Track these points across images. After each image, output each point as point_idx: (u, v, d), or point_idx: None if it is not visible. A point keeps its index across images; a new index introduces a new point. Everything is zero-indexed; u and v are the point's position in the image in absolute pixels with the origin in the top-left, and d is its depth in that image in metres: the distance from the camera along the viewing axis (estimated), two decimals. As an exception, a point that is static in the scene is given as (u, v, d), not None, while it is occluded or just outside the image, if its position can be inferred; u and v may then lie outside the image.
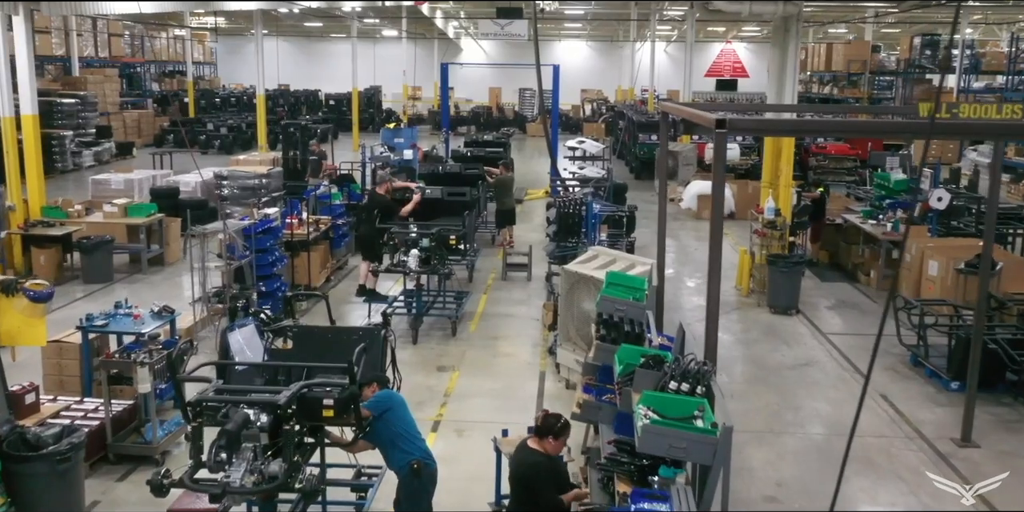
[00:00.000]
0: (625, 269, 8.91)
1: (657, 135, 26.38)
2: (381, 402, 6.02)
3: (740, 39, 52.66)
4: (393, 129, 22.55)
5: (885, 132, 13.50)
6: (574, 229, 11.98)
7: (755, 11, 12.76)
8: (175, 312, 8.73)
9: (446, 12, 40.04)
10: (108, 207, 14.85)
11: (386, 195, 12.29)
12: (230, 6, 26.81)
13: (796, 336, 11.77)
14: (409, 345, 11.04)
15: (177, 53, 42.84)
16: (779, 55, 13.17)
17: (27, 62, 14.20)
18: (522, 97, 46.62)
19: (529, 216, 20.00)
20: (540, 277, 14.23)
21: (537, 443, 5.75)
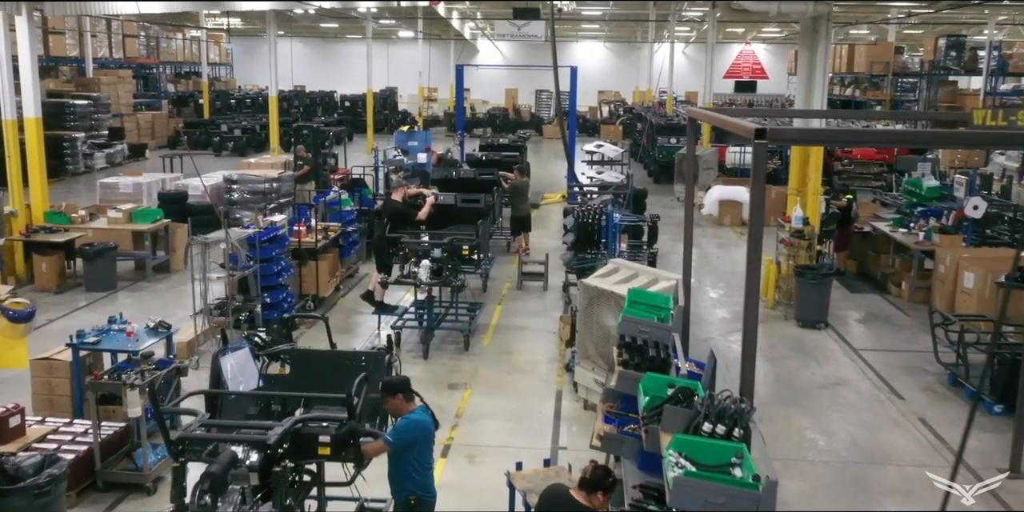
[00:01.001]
0: (647, 284, 8.39)
1: (676, 138, 25.97)
2: (409, 433, 5.47)
3: (760, 40, 52.01)
4: (407, 132, 22.09)
5: (942, 143, 12.77)
6: (593, 239, 11.42)
7: (783, 11, 12.19)
8: (171, 328, 8.25)
9: (462, 13, 39.61)
10: (112, 213, 14.45)
11: (401, 202, 11.78)
12: (234, 6, 26.47)
13: (826, 352, 11.19)
14: (420, 360, 10.56)
15: (193, 54, 42.58)
16: (807, 57, 12.60)
17: (30, 63, 13.81)
18: (539, 99, 46.11)
19: (545, 222, 19.48)
20: (556, 287, 13.73)
21: (584, 498, 5.02)
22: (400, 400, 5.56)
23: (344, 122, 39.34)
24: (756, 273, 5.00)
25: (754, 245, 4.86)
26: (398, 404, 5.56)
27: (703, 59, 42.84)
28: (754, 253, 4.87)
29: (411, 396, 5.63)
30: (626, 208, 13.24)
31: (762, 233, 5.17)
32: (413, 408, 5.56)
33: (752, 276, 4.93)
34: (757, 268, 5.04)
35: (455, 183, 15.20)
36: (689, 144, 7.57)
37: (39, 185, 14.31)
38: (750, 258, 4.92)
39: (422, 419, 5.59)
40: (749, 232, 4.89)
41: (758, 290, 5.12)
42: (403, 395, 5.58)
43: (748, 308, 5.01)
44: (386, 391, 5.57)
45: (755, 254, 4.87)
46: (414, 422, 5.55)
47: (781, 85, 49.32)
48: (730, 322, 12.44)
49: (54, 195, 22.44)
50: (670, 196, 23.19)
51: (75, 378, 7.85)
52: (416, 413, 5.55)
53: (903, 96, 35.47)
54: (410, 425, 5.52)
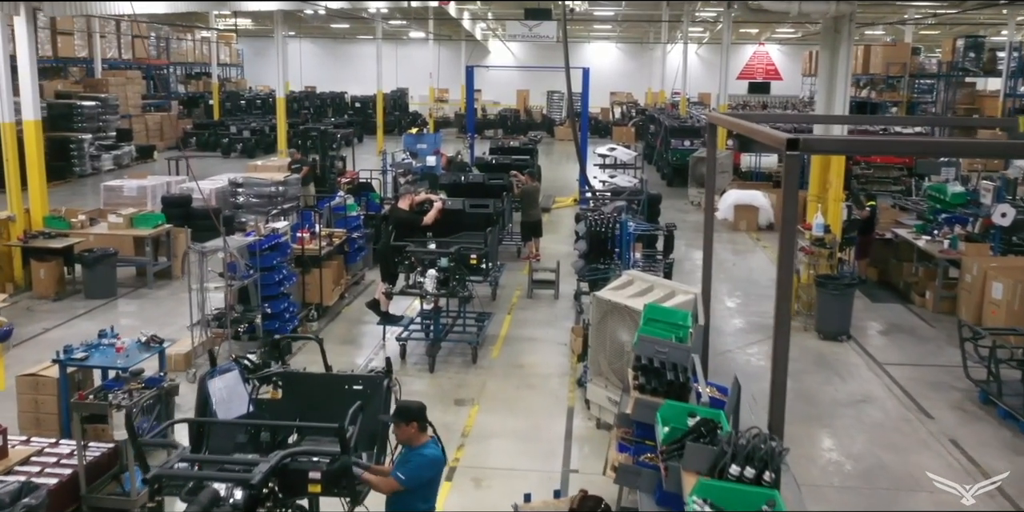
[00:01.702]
0: (664, 299, 7.96)
1: (690, 140, 25.50)
2: (423, 472, 5.02)
3: (773, 41, 51.47)
4: (416, 134, 21.69)
5: (999, 154, 12.21)
6: (605, 249, 10.95)
7: (804, 11, 11.76)
8: (163, 343, 7.87)
9: (473, 13, 39.23)
10: (113, 217, 14.10)
11: (408, 209, 11.36)
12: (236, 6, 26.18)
13: (849, 367, 10.73)
14: (425, 374, 10.16)
15: (203, 55, 42.34)
16: (828, 58, 12.15)
17: (29, 65, 13.46)
18: (550, 100, 45.70)
19: (556, 226, 19.05)
20: (568, 295, 13.32)
21: None
22: (414, 429, 5.09)
23: (354, 123, 39.02)
24: (786, 308, 4.56)
25: (785, 272, 4.42)
26: (410, 433, 5.08)
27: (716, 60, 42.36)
28: (784, 279, 4.43)
29: (425, 426, 5.17)
30: (640, 214, 12.80)
31: (792, 259, 4.75)
32: (426, 440, 5.09)
33: (782, 309, 4.48)
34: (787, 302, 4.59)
35: (463, 188, 14.79)
36: (709, 152, 7.13)
37: (38, 189, 13.98)
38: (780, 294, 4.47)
39: (437, 457, 5.14)
40: (779, 257, 4.45)
41: (788, 322, 4.67)
42: (418, 424, 5.11)
43: (777, 338, 4.56)
44: (400, 417, 5.09)
45: (785, 282, 4.43)
46: (429, 460, 5.08)
47: (795, 86, 48.89)
48: (748, 333, 12.00)
49: (59, 198, 22.26)
50: (684, 200, 22.74)
51: (62, 396, 7.48)
52: (429, 448, 5.07)
53: (920, 98, 34.94)
54: (424, 462, 5.05)
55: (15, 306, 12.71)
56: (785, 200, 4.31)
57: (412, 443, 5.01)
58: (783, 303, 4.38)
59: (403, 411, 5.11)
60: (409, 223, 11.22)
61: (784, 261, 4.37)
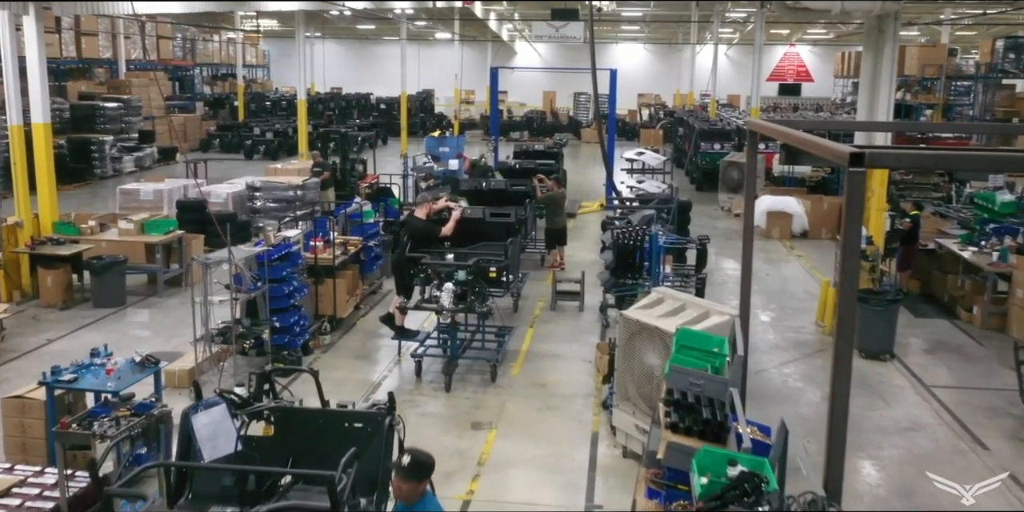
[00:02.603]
0: (697, 320, 7.35)
1: (720, 143, 24.76)
2: None
3: (805, 42, 50.55)
4: (438, 137, 21.15)
5: None
6: (633, 263, 10.28)
7: (847, 9, 11.08)
8: (159, 363, 7.35)
9: (500, 14, 38.70)
10: (123, 223, 13.67)
11: (424, 218, 10.78)
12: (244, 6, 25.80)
13: (894, 389, 10.03)
14: (441, 393, 9.59)
15: (229, 56, 42.13)
16: (871, 60, 11.45)
17: (38, 66, 13.06)
18: (577, 102, 45.07)
19: (582, 232, 18.44)
20: (593, 307, 12.70)
21: None
22: (424, 485, 4.40)
23: (378, 125, 38.65)
24: (848, 353, 3.96)
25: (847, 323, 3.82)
26: (418, 490, 4.38)
27: (745, 61, 41.61)
28: (847, 320, 3.82)
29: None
30: (670, 224, 12.16)
31: (855, 300, 4.14)
32: (423, 492, 4.42)
33: (843, 353, 3.87)
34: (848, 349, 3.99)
35: (485, 194, 14.18)
36: (749, 161, 6.50)
37: (47, 194, 13.58)
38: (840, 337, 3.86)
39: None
40: (840, 295, 3.82)
41: (848, 369, 4.07)
42: (428, 480, 4.44)
43: (837, 387, 3.94)
44: (414, 475, 4.35)
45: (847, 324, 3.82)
46: None
47: (826, 88, 48.06)
48: (785, 350, 11.32)
49: (78, 200, 21.98)
50: (714, 205, 22.05)
51: (49, 420, 6.98)
52: (432, 504, 4.43)
53: (957, 100, 33.98)
54: None
55: (20, 315, 12.33)
56: (846, 227, 3.68)
57: (411, 500, 4.33)
58: (844, 348, 3.77)
59: (419, 467, 4.37)
60: (426, 233, 10.63)
61: (846, 313, 3.76)
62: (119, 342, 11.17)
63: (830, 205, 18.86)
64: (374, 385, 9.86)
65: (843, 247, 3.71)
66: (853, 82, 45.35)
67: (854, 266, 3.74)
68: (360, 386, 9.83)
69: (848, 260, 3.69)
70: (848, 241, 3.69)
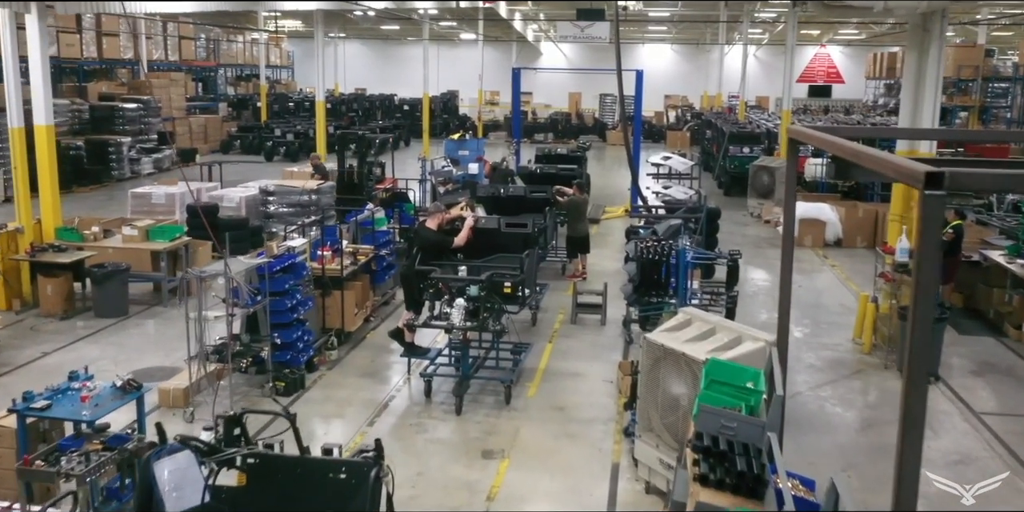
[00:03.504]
0: (728, 345, 6.67)
1: (750, 147, 23.96)
2: None
3: (836, 43, 49.57)
4: (458, 140, 20.52)
5: None
6: (659, 280, 9.52)
7: (890, 7, 10.36)
8: (141, 388, 6.77)
9: (525, 14, 38.10)
10: (127, 230, 13.16)
11: (436, 229, 10.15)
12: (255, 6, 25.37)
13: (940, 416, 9.28)
14: (451, 416, 8.96)
15: (253, 57, 41.84)
16: (915, 61, 10.71)
17: (40, 67, 12.59)
18: (603, 103, 44.36)
19: (606, 239, 17.77)
20: (615, 320, 12.03)
21: None
22: None
23: (400, 127, 38.14)
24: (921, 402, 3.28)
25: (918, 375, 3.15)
26: None
27: (774, 62, 40.69)
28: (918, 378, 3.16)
29: None
30: (698, 234, 11.46)
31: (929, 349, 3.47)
32: None
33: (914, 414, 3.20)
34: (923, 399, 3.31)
35: (503, 202, 13.51)
36: (789, 174, 5.81)
37: (50, 198, 13.10)
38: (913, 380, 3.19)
39: None
40: (911, 338, 3.14)
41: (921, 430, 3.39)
42: None
43: (905, 455, 3.28)
44: None
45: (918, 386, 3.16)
46: None
47: (857, 89, 47.13)
48: (820, 371, 10.60)
49: (92, 203, 21.61)
50: (742, 210, 21.31)
51: (21, 450, 6.42)
52: None
53: (993, 103, 33.01)
54: None
55: (18, 325, 11.87)
56: (921, 260, 3.01)
57: None
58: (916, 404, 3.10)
59: None
60: (437, 244, 10.00)
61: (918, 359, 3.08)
62: (117, 356, 10.72)
63: (865, 212, 18.07)
64: (380, 406, 9.26)
65: (916, 285, 3.04)
66: (885, 84, 44.38)
67: (927, 308, 3.06)
68: (366, 406, 9.24)
69: (921, 301, 3.01)
70: (922, 278, 3.01)
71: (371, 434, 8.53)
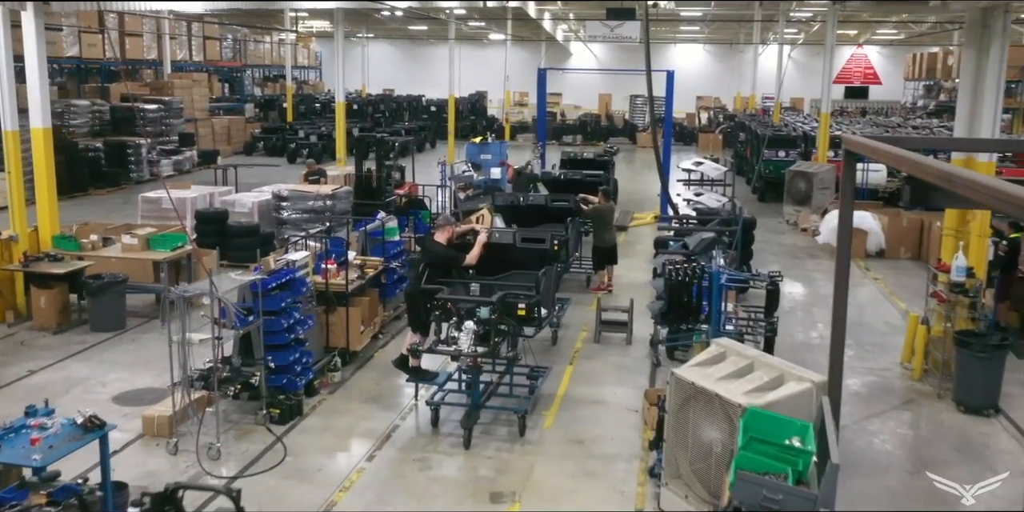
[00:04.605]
0: (769, 387, 5.81)
1: (785, 151, 22.94)
2: None
3: (873, 43, 48.31)
4: (479, 143, 19.70)
5: None
6: (689, 305, 8.55)
7: (948, 3, 9.43)
8: (105, 426, 6.02)
9: (554, 14, 37.26)
10: (127, 238, 12.49)
11: (445, 244, 9.33)
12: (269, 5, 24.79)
13: (1002, 455, 8.34)
14: (459, 451, 8.16)
15: (280, 57, 41.46)
16: (973, 61, 9.76)
17: (36, 66, 11.96)
18: (633, 104, 43.42)
19: (633, 248, 16.89)
20: (642, 339, 11.17)
21: None
22: None
23: (426, 128, 37.47)
24: None
25: None
26: None
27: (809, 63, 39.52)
28: None
29: None
30: (732, 248, 10.56)
31: None
32: None
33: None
34: None
35: (522, 212, 12.63)
36: (845, 190, 4.93)
37: (47, 205, 12.47)
38: None
39: None
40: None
41: None
42: None
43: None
44: None
45: None
46: None
47: (895, 91, 45.93)
48: (867, 400, 9.67)
49: (107, 206, 21.09)
50: (778, 218, 20.33)
51: (-34, 497, 5.71)
52: None
53: (1040, 105, 31.85)
54: None
55: (8, 340, 11.27)
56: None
57: None
58: None
59: None
60: (446, 260, 9.17)
61: None
62: (107, 375, 10.05)
63: (910, 221, 17.03)
64: (383, 437, 8.47)
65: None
66: (925, 85, 43.05)
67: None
68: (367, 437, 8.47)
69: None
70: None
71: (369, 471, 7.77)
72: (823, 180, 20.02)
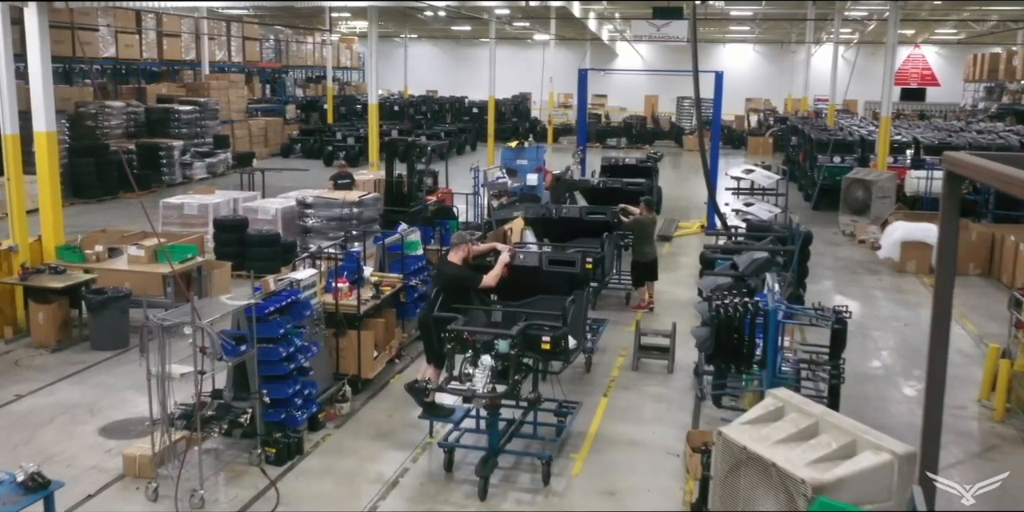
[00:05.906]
0: (837, 456, 4.75)
1: (841, 156, 21.65)
2: None
3: (931, 43, 46.56)
4: (515, 148, 18.72)
5: None
6: (739, 345, 7.29)
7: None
8: (50, 485, 5.15)
9: (599, 13, 36.22)
10: (133, 250, 11.71)
11: (461, 263, 8.33)
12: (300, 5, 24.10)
13: (1108, 520, 7.17)
14: (474, 503, 7.17)
15: (322, 58, 40.99)
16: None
17: (40, 67, 11.23)
18: (680, 106, 42.17)
19: (678, 260, 15.81)
20: (685, 367, 10.12)
21: None
22: None
23: (466, 130, 36.66)
24: None
25: None
26: None
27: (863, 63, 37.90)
28: None
29: None
30: (789, 270, 9.44)
31: None
32: None
33: None
34: None
35: (554, 226, 11.59)
36: (944, 222, 3.87)
37: (51, 215, 11.73)
38: None
39: None
40: None
41: None
42: None
43: None
44: None
45: None
46: None
47: (954, 93, 44.27)
48: (942, 445, 8.47)
49: (134, 210, 20.44)
50: (833, 228, 19.09)
51: None
52: None
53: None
54: None
55: (3, 358, 10.51)
56: None
57: None
58: None
59: None
60: (461, 282, 8.15)
61: None
62: (99, 401, 9.24)
63: (979, 235, 15.72)
64: (389, 483, 7.52)
65: None
66: (986, 87, 41.20)
67: None
68: (372, 483, 7.52)
69: None
70: None
71: (369, 526, 6.83)
72: (883, 188, 18.76)
